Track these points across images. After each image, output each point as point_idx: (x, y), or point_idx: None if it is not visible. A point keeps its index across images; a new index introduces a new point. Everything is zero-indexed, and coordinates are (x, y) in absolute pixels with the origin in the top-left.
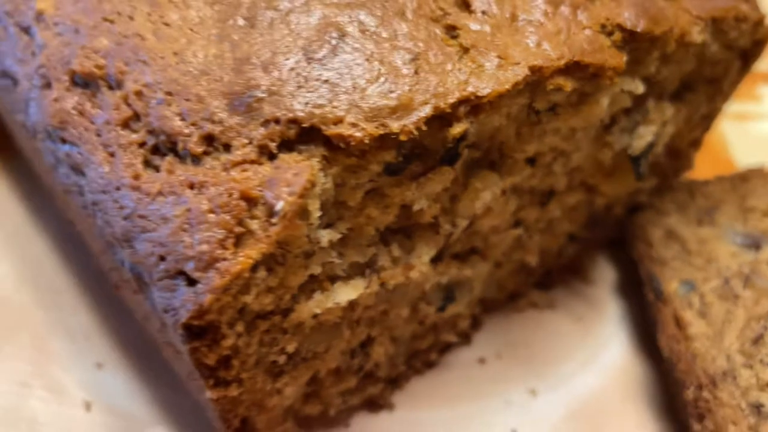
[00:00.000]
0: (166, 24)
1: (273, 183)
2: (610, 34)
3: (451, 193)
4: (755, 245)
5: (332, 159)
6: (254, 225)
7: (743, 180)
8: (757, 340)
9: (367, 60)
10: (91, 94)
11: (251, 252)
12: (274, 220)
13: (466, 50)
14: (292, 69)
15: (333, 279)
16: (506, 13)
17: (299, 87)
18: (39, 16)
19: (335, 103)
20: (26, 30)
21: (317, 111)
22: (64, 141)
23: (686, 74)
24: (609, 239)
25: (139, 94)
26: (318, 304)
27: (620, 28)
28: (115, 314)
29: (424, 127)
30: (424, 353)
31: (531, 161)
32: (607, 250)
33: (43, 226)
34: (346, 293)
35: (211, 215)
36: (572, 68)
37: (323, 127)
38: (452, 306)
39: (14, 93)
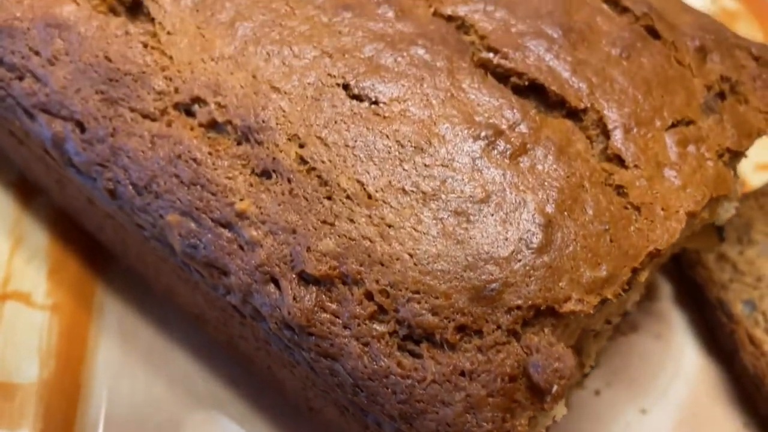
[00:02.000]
0: (389, 225)
1: (537, 366)
2: (721, 156)
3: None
4: None
5: (559, 325)
6: (519, 396)
7: (763, 195)
8: None
9: (575, 240)
10: (327, 290)
11: (523, 420)
12: (547, 399)
13: (638, 209)
14: (518, 260)
15: None
16: (651, 162)
17: (527, 275)
18: (241, 214)
19: (561, 284)
20: (227, 225)
21: (549, 294)
22: (310, 334)
23: None
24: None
25: (384, 293)
26: None
27: (728, 150)
28: None
29: (625, 286)
30: None
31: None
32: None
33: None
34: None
35: (490, 398)
36: (710, 202)
37: (556, 306)
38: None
39: (224, 281)
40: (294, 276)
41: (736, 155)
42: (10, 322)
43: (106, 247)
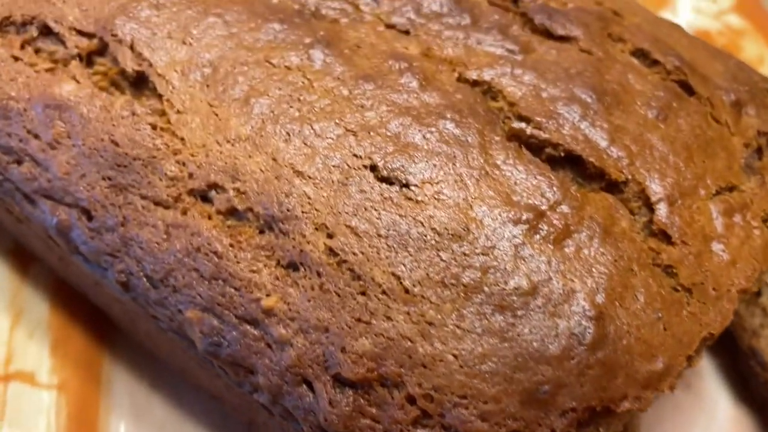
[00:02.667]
0: (429, 323)
1: None
2: (766, 221)
3: None
4: None
5: (614, 422)
6: None
7: None
8: None
9: (628, 332)
10: (365, 394)
11: None
12: None
13: (689, 291)
14: (571, 358)
15: None
16: (699, 236)
17: (581, 374)
18: (268, 311)
19: (616, 381)
20: (253, 323)
21: (605, 394)
22: None
23: None
24: None
25: (427, 397)
26: None
27: None
28: None
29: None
30: None
31: None
32: None
33: None
34: None
35: None
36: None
37: (612, 406)
38: None
39: (251, 379)
40: (329, 378)
41: None
42: (15, 404)
43: (113, 320)
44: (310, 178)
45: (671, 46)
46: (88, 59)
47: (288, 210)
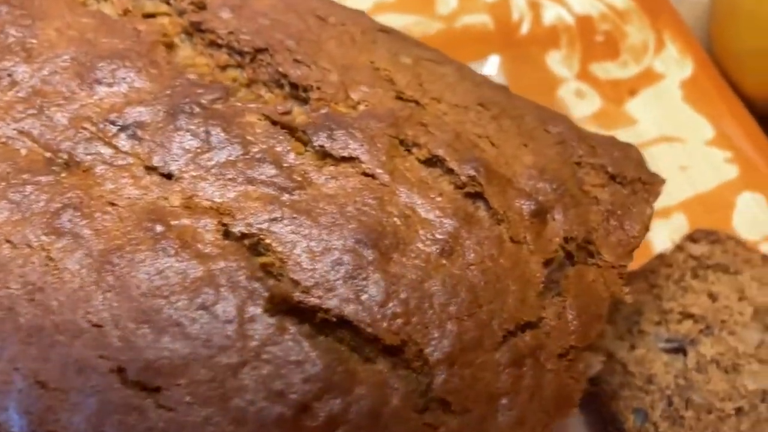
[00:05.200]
0: None
1: None
2: (564, 356)
3: None
4: (681, 350)
5: None
6: None
7: (653, 273)
8: None
9: None
10: None
11: None
12: None
13: None
14: None
15: None
16: (483, 398)
17: None
18: None
19: None
20: None
21: None
22: None
23: None
24: None
25: None
26: None
27: (573, 347)
28: None
29: None
30: None
31: None
32: None
33: None
34: None
35: None
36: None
37: None
38: None
39: None
40: None
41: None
42: None
43: None
44: None
45: (473, 142)
46: None
47: None
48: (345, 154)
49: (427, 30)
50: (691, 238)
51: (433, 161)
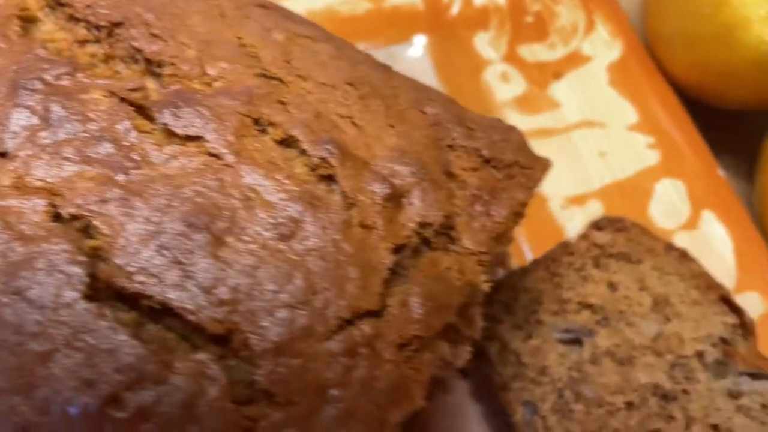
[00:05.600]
0: None
1: None
2: (408, 345)
3: None
4: (577, 341)
5: None
6: None
7: (555, 262)
8: None
9: None
10: None
11: None
12: None
13: None
14: None
15: None
16: (312, 390)
17: None
18: None
19: None
20: None
21: None
22: None
23: None
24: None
25: None
26: None
27: (416, 337)
28: None
29: None
30: None
31: None
32: None
33: None
34: None
35: None
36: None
37: None
38: None
39: None
40: None
41: (427, 346)
42: None
43: None
44: None
45: (334, 122)
46: None
47: None
48: (190, 132)
49: (355, 9)
50: (597, 225)
51: (288, 141)
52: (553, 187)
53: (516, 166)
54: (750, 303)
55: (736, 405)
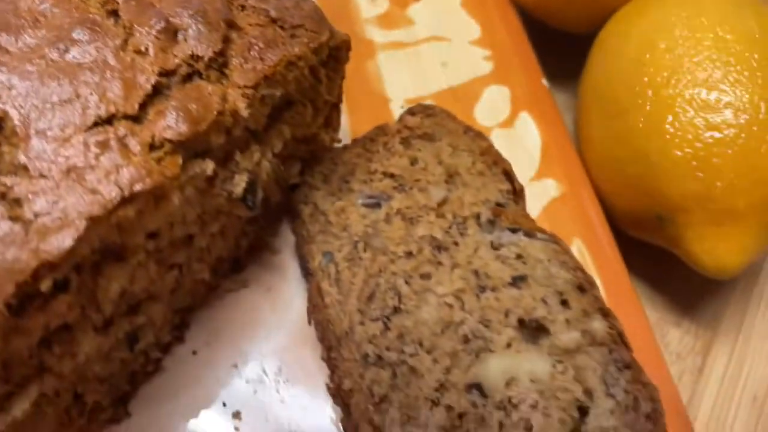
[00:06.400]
0: None
1: None
2: (160, 147)
3: (83, 297)
4: (377, 204)
5: None
6: None
7: (372, 141)
8: (370, 298)
9: None
10: None
11: None
12: None
13: (30, 222)
14: None
15: (7, 397)
16: (62, 169)
17: None
18: None
19: None
20: None
21: None
22: None
23: (271, 113)
24: (285, 211)
25: None
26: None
27: (167, 140)
28: None
29: None
30: (140, 374)
31: (152, 235)
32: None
33: None
34: (22, 403)
35: None
36: (133, 198)
37: None
38: (141, 342)
39: None
40: None
41: (184, 143)
42: None
43: None
44: None
45: None
46: None
47: None
48: None
49: None
50: (411, 111)
51: None
52: (395, 91)
53: (302, 29)
54: (546, 187)
55: (496, 254)
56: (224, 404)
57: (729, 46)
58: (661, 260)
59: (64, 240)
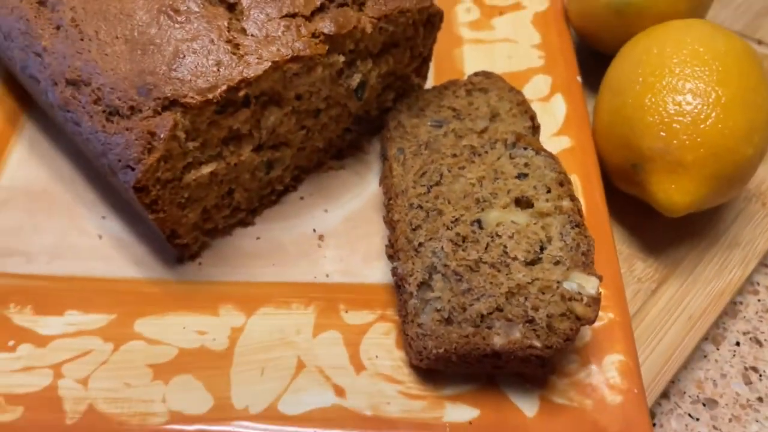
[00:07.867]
0: (106, 54)
1: (158, 125)
2: (317, 36)
3: (254, 118)
4: (440, 125)
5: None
6: (155, 143)
7: (445, 88)
8: (422, 175)
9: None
10: (76, 89)
11: (155, 155)
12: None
13: (237, 46)
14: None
15: (200, 162)
16: (264, 33)
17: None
18: (44, 49)
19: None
20: (38, 55)
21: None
22: (67, 110)
23: (383, 42)
24: (378, 127)
25: (99, 89)
26: (194, 174)
27: (323, 33)
28: (110, 189)
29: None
30: (268, 195)
31: (298, 97)
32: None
33: (60, 146)
34: (207, 168)
35: (137, 141)
36: (297, 58)
37: (181, 99)
38: (273, 171)
39: (38, 87)
40: (63, 81)
41: (331, 38)
42: None
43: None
44: None
45: None
46: None
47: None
48: None
49: None
50: (476, 73)
51: None
52: (470, 70)
53: None
54: (562, 141)
55: (511, 161)
56: (314, 230)
57: (700, 55)
58: (638, 211)
59: (258, 69)
